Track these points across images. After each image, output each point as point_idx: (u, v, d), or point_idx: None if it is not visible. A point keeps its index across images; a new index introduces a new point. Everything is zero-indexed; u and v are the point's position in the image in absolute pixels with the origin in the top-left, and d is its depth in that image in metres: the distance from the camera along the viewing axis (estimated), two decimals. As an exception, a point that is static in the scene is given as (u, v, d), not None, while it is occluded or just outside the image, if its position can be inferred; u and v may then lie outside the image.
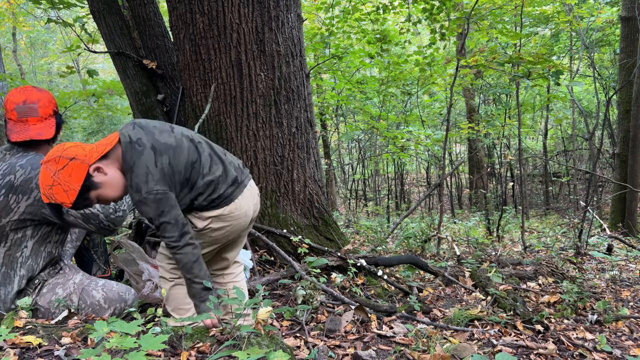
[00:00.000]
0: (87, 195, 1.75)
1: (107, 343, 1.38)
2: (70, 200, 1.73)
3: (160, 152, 1.79)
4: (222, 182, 1.92)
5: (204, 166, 1.89)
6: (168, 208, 1.78)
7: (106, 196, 1.79)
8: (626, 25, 8.65)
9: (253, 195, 2.06)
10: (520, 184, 10.20)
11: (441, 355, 1.93)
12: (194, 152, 1.88)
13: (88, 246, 2.65)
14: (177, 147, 1.84)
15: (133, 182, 1.75)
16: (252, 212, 2.06)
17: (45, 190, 1.73)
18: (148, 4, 3.97)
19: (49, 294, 2.18)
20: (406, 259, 3.71)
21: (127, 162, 1.76)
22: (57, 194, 1.72)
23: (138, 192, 1.75)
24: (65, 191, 1.71)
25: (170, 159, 1.80)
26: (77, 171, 1.71)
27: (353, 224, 7.84)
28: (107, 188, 1.77)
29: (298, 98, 3.56)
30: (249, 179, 2.06)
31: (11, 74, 6.95)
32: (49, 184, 1.72)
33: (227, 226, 1.96)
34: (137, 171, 1.75)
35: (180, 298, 2.01)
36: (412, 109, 12.38)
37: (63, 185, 1.71)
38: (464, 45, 8.56)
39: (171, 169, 1.80)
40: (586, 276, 4.48)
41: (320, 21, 8.61)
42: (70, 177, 1.70)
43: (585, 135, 13.77)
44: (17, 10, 11.68)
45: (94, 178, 1.74)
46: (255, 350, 1.46)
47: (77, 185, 1.71)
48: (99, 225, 2.17)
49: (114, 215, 2.19)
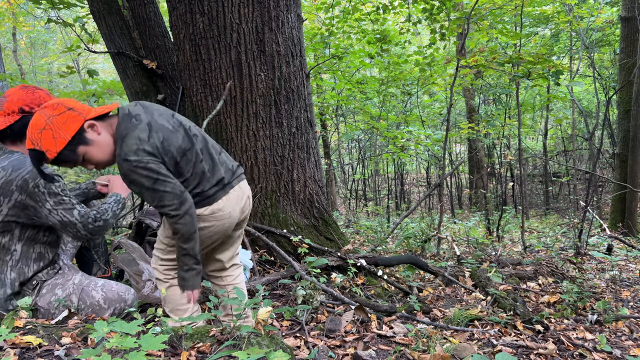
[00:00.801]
0: (74, 149, 1.71)
1: (107, 343, 1.38)
2: (57, 149, 1.68)
3: (155, 129, 1.76)
4: (205, 180, 1.88)
5: (193, 157, 1.85)
6: (162, 176, 1.72)
7: (93, 156, 1.75)
8: (626, 25, 8.65)
9: (241, 197, 2.00)
10: (520, 184, 10.20)
11: (441, 355, 1.93)
12: (188, 141, 1.85)
13: (89, 246, 2.65)
14: (173, 132, 1.81)
15: (122, 151, 1.69)
16: (239, 213, 2.01)
17: (34, 134, 1.67)
18: (148, 4, 3.97)
19: (48, 295, 2.18)
20: (406, 259, 3.71)
21: (119, 132, 1.72)
22: (45, 139, 1.67)
23: (127, 161, 1.68)
24: (55, 138, 1.66)
25: (164, 139, 1.76)
26: (73, 121, 1.68)
27: (353, 224, 7.84)
28: (96, 147, 1.74)
29: (298, 98, 3.56)
30: (238, 181, 2.00)
31: (11, 74, 6.95)
32: (40, 127, 1.67)
33: (209, 226, 1.93)
34: (128, 141, 1.70)
35: (177, 298, 2.00)
36: (412, 109, 12.39)
37: (54, 131, 1.66)
38: (464, 45, 8.56)
39: (163, 148, 1.75)
40: (586, 276, 4.48)
41: (320, 21, 8.61)
42: (64, 125, 1.67)
43: (585, 135, 13.77)
44: (17, 10, 11.68)
45: (86, 133, 1.72)
46: (255, 350, 1.46)
47: (68, 135, 1.68)
48: (76, 233, 2.14)
49: (92, 225, 2.14)
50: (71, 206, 2.11)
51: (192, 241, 1.82)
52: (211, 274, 2.19)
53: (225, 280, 2.19)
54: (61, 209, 2.09)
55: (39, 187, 2.05)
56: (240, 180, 2.03)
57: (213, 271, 2.19)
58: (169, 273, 2.02)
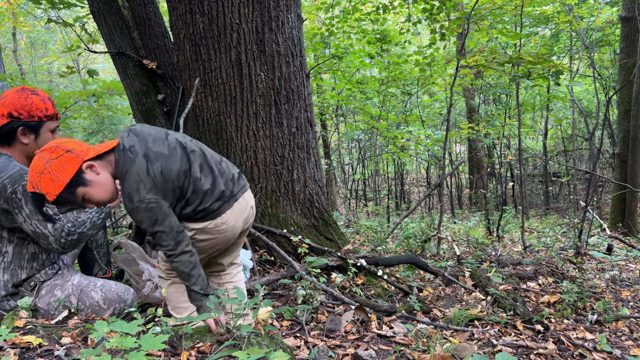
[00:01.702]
0: (74, 190, 1.73)
1: (107, 343, 1.38)
2: (56, 192, 1.70)
3: (152, 160, 1.76)
4: (208, 195, 1.88)
5: (193, 176, 1.86)
6: (161, 217, 1.76)
7: (92, 196, 1.77)
8: (626, 25, 8.65)
9: (245, 209, 2.00)
10: (520, 184, 10.20)
11: (441, 355, 1.93)
12: (186, 161, 1.85)
13: (91, 246, 2.65)
14: (170, 157, 1.81)
15: (125, 190, 1.74)
16: (242, 224, 2.01)
17: (34, 177, 1.71)
18: (148, 4, 3.97)
19: (47, 296, 2.18)
20: (406, 259, 3.71)
21: (119, 170, 1.75)
22: (44, 182, 1.69)
23: (130, 200, 1.73)
24: (53, 181, 1.69)
25: (163, 168, 1.77)
26: (70, 164, 1.70)
27: (353, 224, 7.84)
28: (95, 188, 1.76)
29: (298, 98, 3.56)
30: (242, 192, 2.00)
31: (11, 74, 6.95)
32: (39, 171, 1.70)
33: (212, 238, 1.94)
34: (129, 179, 1.73)
35: (178, 297, 2.02)
36: (412, 109, 12.39)
37: (53, 174, 1.69)
38: (464, 45, 8.56)
39: (163, 177, 1.77)
40: (586, 276, 4.48)
41: (320, 21, 8.61)
42: (62, 168, 1.69)
43: (585, 135, 13.77)
44: (17, 10, 11.68)
45: (85, 174, 1.73)
46: (255, 350, 1.46)
47: (66, 178, 1.70)
48: (47, 246, 2.10)
49: (64, 239, 2.09)
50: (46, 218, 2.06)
51: (192, 277, 1.83)
52: (210, 273, 2.20)
53: (224, 279, 2.20)
54: (35, 219, 2.04)
55: (16, 193, 2.01)
56: (245, 192, 2.02)
57: (213, 271, 2.20)
58: (171, 272, 2.03)
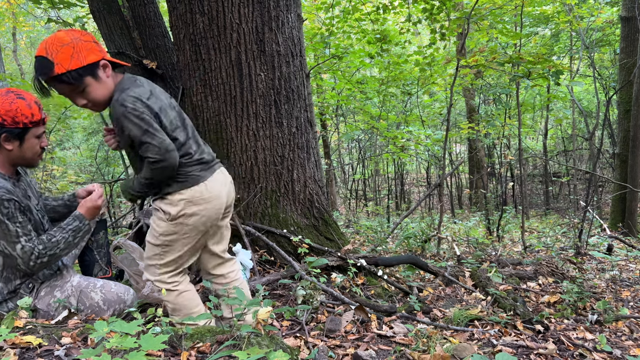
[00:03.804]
0: (83, 76, 1.73)
1: (107, 343, 1.38)
2: (68, 67, 1.70)
3: (155, 96, 1.84)
4: (189, 157, 1.92)
5: (182, 135, 1.91)
6: (152, 129, 1.77)
7: (92, 91, 1.79)
8: (626, 25, 8.65)
9: (226, 181, 2.05)
10: (520, 184, 10.20)
11: (441, 355, 1.93)
12: (179, 121, 1.92)
13: (92, 247, 2.65)
14: (169, 107, 1.89)
15: (121, 97, 1.76)
16: (226, 197, 2.03)
17: (54, 45, 1.69)
18: (148, 4, 3.97)
19: (47, 297, 2.17)
20: (406, 259, 3.71)
21: (121, 85, 1.80)
22: (63, 53, 1.69)
23: (123, 106, 1.74)
24: (72, 56, 1.69)
25: (161, 108, 1.83)
26: (93, 52, 1.74)
27: (353, 224, 7.84)
28: (99, 85, 1.78)
29: (298, 98, 3.56)
30: (219, 166, 2.06)
31: (11, 74, 6.96)
32: (64, 42, 1.69)
33: (200, 210, 1.93)
34: (129, 92, 1.77)
35: (189, 305, 2.02)
36: (412, 109, 12.39)
37: (75, 51, 1.69)
38: (464, 45, 8.56)
39: (159, 115, 1.82)
40: (586, 276, 4.48)
41: (320, 21, 8.61)
42: (87, 51, 1.72)
43: (585, 135, 13.76)
44: (17, 10, 11.68)
45: (98, 69, 1.77)
46: (255, 350, 1.46)
47: (85, 60, 1.72)
48: (17, 267, 2.05)
49: (33, 262, 2.02)
50: (15, 239, 1.98)
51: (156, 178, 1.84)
52: (212, 273, 2.19)
53: (228, 278, 2.19)
54: (3, 240, 1.98)
55: None
56: (221, 166, 2.08)
57: (213, 267, 2.18)
58: (175, 279, 2.01)
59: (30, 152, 2.10)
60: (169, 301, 2.03)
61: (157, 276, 2.00)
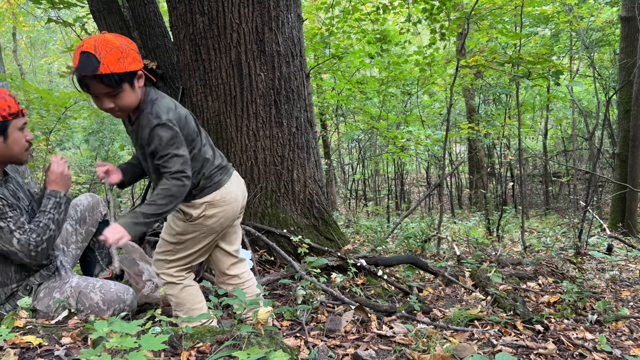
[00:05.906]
0: (123, 81, 1.77)
1: (107, 343, 1.38)
2: (114, 70, 1.73)
3: (178, 107, 1.90)
4: (209, 164, 1.97)
5: (199, 143, 1.95)
6: (179, 143, 1.82)
7: (124, 97, 1.81)
8: (626, 25, 8.65)
9: (240, 182, 2.11)
10: (520, 184, 10.19)
11: (441, 355, 1.93)
12: (196, 129, 1.96)
13: (93, 247, 2.64)
14: (187, 116, 1.93)
15: (153, 110, 1.81)
16: (242, 198, 2.09)
17: (106, 46, 1.73)
18: (148, 4, 3.97)
19: (46, 299, 2.16)
20: (406, 259, 3.71)
21: (149, 97, 1.85)
22: (112, 55, 1.72)
23: (158, 117, 1.80)
24: (119, 60, 1.73)
25: (184, 117, 1.89)
26: (137, 62, 1.81)
27: (353, 224, 7.84)
28: (131, 94, 1.82)
29: (298, 98, 3.56)
30: (233, 169, 2.11)
31: (11, 74, 6.96)
32: (115, 45, 1.74)
33: (220, 212, 1.98)
34: (160, 104, 1.83)
35: (191, 299, 2.03)
36: (412, 109, 12.38)
37: (122, 56, 1.74)
38: (464, 45, 8.56)
39: (182, 124, 1.86)
40: (586, 276, 4.48)
41: (320, 21, 8.60)
42: (132, 60, 1.78)
43: (585, 135, 13.76)
44: (17, 10, 11.68)
45: (135, 78, 1.81)
46: (255, 350, 1.46)
47: (129, 67, 1.77)
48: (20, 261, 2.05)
49: (34, 251, 2.01)
50: (9, 234, 1.98)
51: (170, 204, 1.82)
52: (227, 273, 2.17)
53: (242, 278, 2.19)
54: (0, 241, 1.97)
55: None
56: (233, 168, 2.12)
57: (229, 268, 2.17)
58: (181, 274, 2.03)
59: (16, 146, 2.09)
60: (172, 295, 2.04)
61: (164, 269, 2.03)
